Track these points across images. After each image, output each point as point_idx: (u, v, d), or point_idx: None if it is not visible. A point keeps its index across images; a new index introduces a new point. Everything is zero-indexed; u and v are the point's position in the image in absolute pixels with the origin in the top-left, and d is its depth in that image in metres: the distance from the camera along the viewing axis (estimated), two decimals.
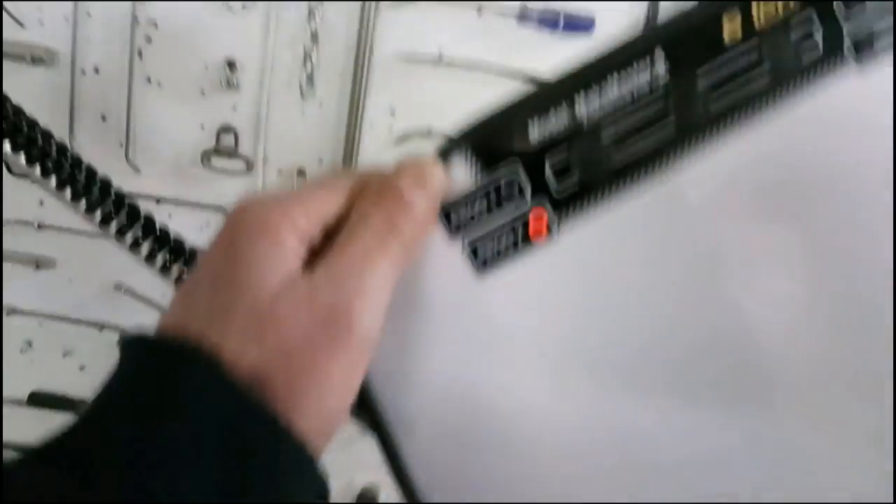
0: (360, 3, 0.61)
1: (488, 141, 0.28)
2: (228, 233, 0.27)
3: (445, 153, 0.29)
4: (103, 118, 0.62)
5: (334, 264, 0.26)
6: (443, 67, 0.62)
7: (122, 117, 0.62)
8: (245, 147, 0.64)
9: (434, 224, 0.29)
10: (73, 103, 0.61)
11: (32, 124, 0.36)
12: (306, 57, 0.62)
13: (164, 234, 0.37)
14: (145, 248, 0.34)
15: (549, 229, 0.29)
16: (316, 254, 0.27)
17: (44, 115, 0.60)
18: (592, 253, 0.29)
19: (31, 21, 0.59)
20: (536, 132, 0.28)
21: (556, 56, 0.63)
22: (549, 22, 0.62)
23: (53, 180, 0.36)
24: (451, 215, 0.29)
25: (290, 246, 0.26)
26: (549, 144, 0.29)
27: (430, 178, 0.28)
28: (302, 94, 0.62)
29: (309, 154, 0.63)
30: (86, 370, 0.69)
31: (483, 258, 0.29)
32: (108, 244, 0.51)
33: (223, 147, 0.63)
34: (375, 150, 0.63)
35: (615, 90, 0.28)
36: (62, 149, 0.37)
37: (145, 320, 0.65)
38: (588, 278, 0.29)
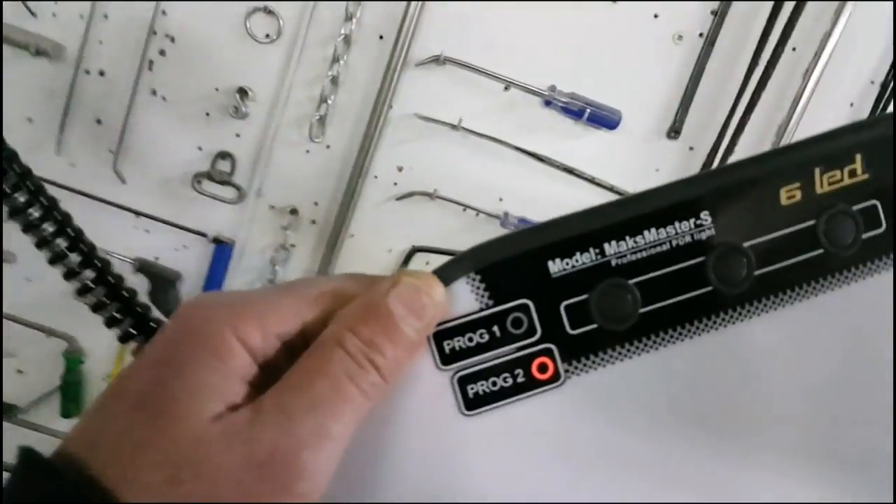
0: (389, 53, 0.59)
1: (501, 270, 0.26)
2: (168, 341, 0.23)
3: (449, 273, 0.26)
4: (98, 122, 0.59)
5: (289, 397, 0.22)
6: (459, 133, 0.60)
7: (118, 125, 0.59)
8: (240, 177, 0.61)
9: (420, 351, 0.26)
10: (70, 101, 0.58)
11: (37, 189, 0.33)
12: (323, 98, 0.59)
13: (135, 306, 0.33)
14: (108, 311, 0.30)
15: (554, 378, 0.26)
16: (271, 371, 0.23)
17: (37, 108, 0.57)
18: (600, 410, 0.27)
19: (44, 12, 0.56)
20: (557, 268, 0.26)
21: (574, 143, 0.61)
22: (574, 112, 0.61)
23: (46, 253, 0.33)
24: (445, 343, 0.26)
25: (238, 367, 0.22)
26: (570, 285, 0.26)
27: (428, 304, 0.24)
28: (311, 134, 0.60)
29: (306, 195, 0.61)
30: (23, 375, 0.65)
31: (473, 395, 0.26)
32: None
33: (217, 172, 0.60)
34: (375, 203, 0.61)
35: (652, 236, 0.26)
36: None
37: (97, 335, 0.61)
38: (591, 438, 0.27)
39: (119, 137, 0.59)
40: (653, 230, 0.26)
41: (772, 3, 0.59)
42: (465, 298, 0.26)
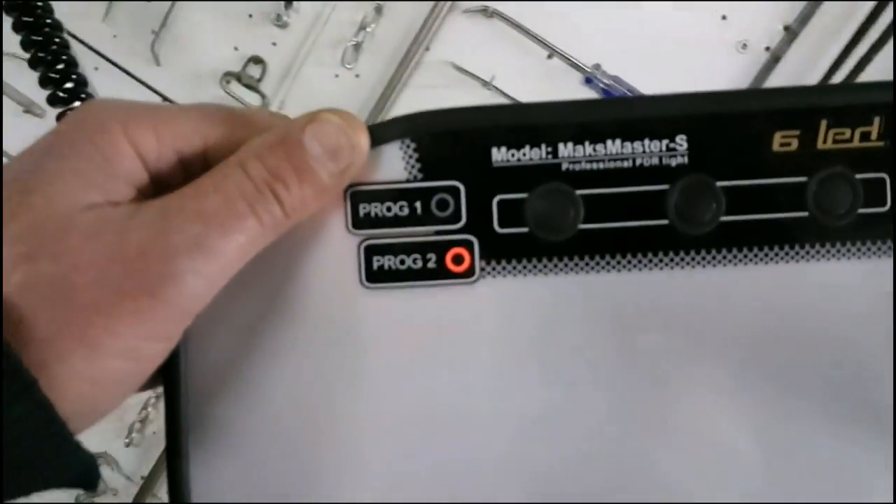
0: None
1: (439, 144, 0.23)
2: (56, 133, 0.21)
3: (382, 132, 0.23)
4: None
5: (175, 202, 0.20)
6: (489, 91, 0.57)
7: (165, 7, 0.58)
8: (267, 85, 0.60)
9: (329, 202, 0.23)
10: None
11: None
12: (363, 25, 0.58)
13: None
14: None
15: (467, 273, 0.24)
16: (166, 189, 0.21)
17: None
18: (507, 320, 0.24)
19: None
20: (500, 157, 0.23)
21: None
22: (614, 95, 0.58)
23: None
24: (361, 205, 0.24)
25: (125, 168, 0.21)
26: (510, 178, 0.23)
27: (346, 147, 0.22)
28: (344, 59, 0.59)
29: None
30: None
31: (377, 268, 0.24)
32: None
33: (246, 76, 0.59)
34: None
35: (615, 148, 0.23)
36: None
37: None
38: (491, 345, 0.24)
39: (163, 20, 0.58)
40: (617, 142, 0.23)
41: (854, 30, 0.56)
42: (394, 164, 0.24)
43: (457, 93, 0.58)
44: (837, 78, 0.56)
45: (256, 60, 0.59)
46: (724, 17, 0.58)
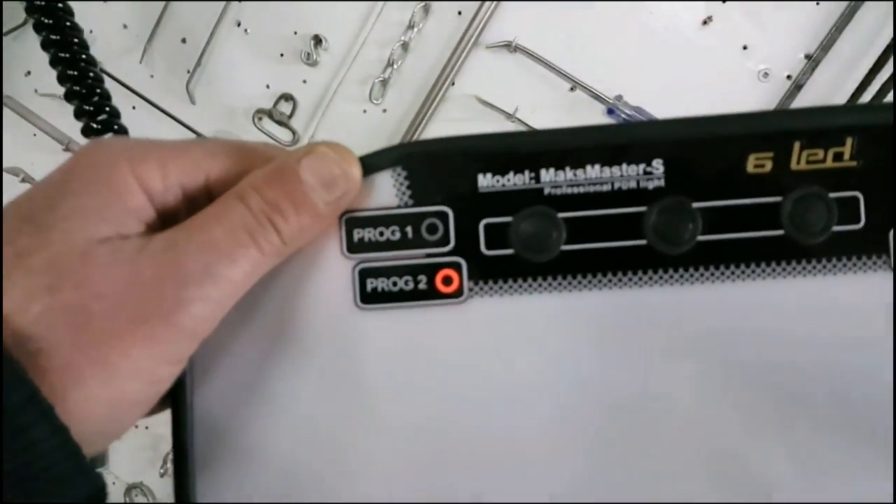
0: (463, 30, 0.59)
1: (428, 171, 0.25)
2: (68, 168, 0.23)
3: (374, 161, 0.25)
4: (183, 41, 0.63)
5: (183, 235, 0.22)
6: (513, 124, 0.59)
7: (200, 47, 0.62)
8: (298, 121, 0.62)
9: (325, 228, 0.25)
10: (162, 17, 0.61)
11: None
12: (391, 62, 0.60)
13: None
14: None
15: (456, 294, 0.25)
16: (171, 222, 0.23)
17: (133, 16, 0.61)
18: (494, 338, 0.25)
19: None
20: (486, 183, 0.25)
21: None
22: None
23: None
24: (355, 230, 0.25)
25: (133, 204, 0.22)
26: (495, 203, 0.25)
27: (340, 178, 0.24)
28: (371, 94, 0.61)
29: (355, 150, 0.61)
30: None
31: (371, 290, 0.25)
32: None
33: (278, 112, 0.62)
34: None
35: (595, 173, 0.25)
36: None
37: None
38: (480, 362, 0.25)
39: (198, 60, 0.61)
40: (597, 167, 0.25)
41: (875, 56, 0.56)
42: (386, 191, 0.25)
43: (481, 125, 0.60)
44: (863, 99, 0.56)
45: (287, 97, 0.62)
46: (745, 47, 0.58)
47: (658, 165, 0.24)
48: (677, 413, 0.25)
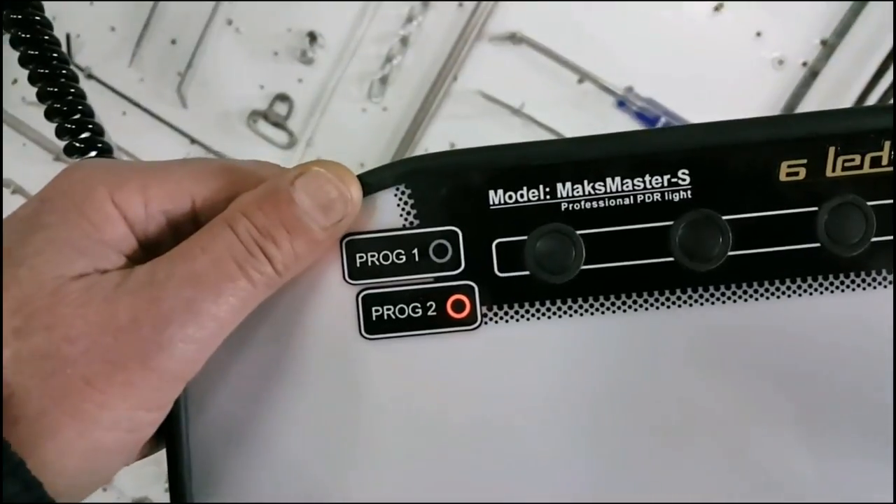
0: (465, 22, 0.57)
1: (434, 188, 0.23)
2: (42, 198, 0.21)
3: (375, 179, 0.23)
4: (173, 42, 0.61)
5: (164, 268, 0.20)
6: (519, 120, 0.57)
7: (191, 48, 0.59)
8: (294, 123, 0.60)
9: (323, 254, 0.23)
10: (151, 18, 0.59)
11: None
12: (389, 58, 0.58)
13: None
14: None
15: (468, 320, 0.23)
16: (155, 253, 0.21)
17: (121, 19, 0.59)
18: (512, 368, 0.23)
19: None
20: (498, 199, 0.23)
21: None
22: (648, 119, 0.57)
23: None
24: (356, 255, 0.23)
25: (112, 235, 0.21)
26: (508, 221, 0.23)
27: (338, 200, 0.21)
28: (370, 93, 0.59)
29: (354, 153, 0.60)
30: None
31: (376, 318, 0.23)
32: None
33: (273, 114, 0.60)
34: None
35: (616, 186, 0.23)
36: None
37: None
38: (497, 393, 0.23)
39: (189, 61, 0.59)
40: (617, 179, 0.23)
41: (892, 42, 0.54)
42: (389, 211, 0.23)
43: (485, 123, 0.57)
44: (878, 91, 0.54)
45: (283, 98, 0.60)
46: (758, 34, 0.56)
47: (684, 176, 0.22)
48: (709, 444, 0.23)
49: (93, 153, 0.31)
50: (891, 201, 0.22)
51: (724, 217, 0.22)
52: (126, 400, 0.19)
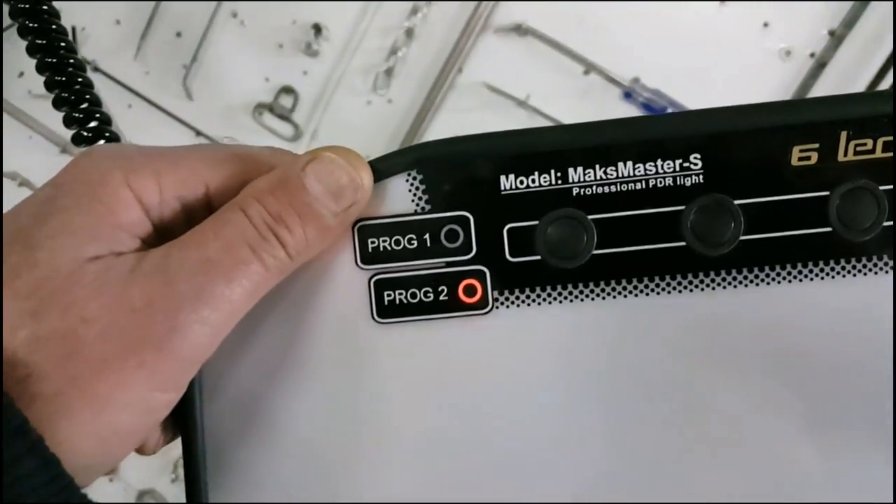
0: (470, 13, 0.57)
1: (445, 174, 0.23)
2: (58, 182, 0.21)
3: (386, 165, 0.23)
4: (178, 35, 0.61)
5: (177, 251, 0.20)
6: (525, 112, 0.57)
7: (196, 41, 0.59)
8: (300, 115, 0.60)
9: (335, 239, 0.23)
10: (155, 11, 0.59)
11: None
12: (394, 50, 0.58)
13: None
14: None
15: (480, 304, 0.23)
16: (169, 237, 0.21)
17: (126, 12, 0.59)
18: (523, 352, 0.23)
19: None
20: (509, 185, 0.23)
21: None
22: (655, 110, 0.57)
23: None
24: (369, 239, 0.23)
25: (127, 219, 0.21)
26: (520, 206, 0.23)
27: (348, 187, 0.22)
28: (375, 85, 0.59)
29: (359, 145, 0.58)
30: None
31: (388, 303, 0.23)
32: None
33: (279, 106, 0.60)
34: None
35: (627, 170, 0.23)
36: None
37: None
38: (508, 377, 0.23)
39: (194, 54, 0.59)
40: (629, 164, 0.23)
41: (894, 42, 0.53)
42: (400, 197, 0.23)
43: (491, 115, 0.57)
44: (886, 82, 0.54)
45: (288, 90, 0.60)
46: (765, 25, 0.56)
47: (696, 160, 0.22)
48: (720, 426, 0.23)
49: (101, 142, 0.31)
50: None
51: (736, 202, 0.22)
52: (141, 381, 0.20)
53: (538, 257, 0.23)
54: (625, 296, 0.23)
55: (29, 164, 0.61)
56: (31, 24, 0.32)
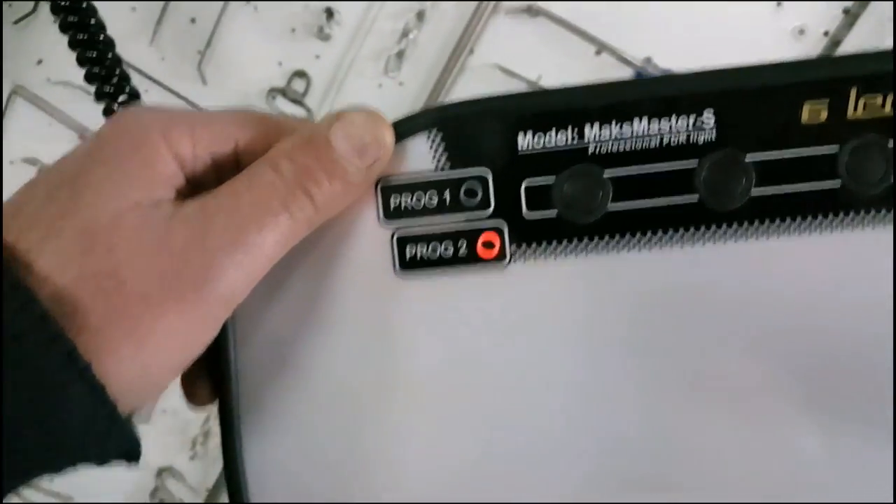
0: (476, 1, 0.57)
1: (464, 133, 0.24)
2: (98, 138, 0.23)
3: (408, 126, 0.24)
4: (192, 21, 0.61)
5: (213, 201, 0.22)
6: None
7: (210, 27, 0.60)
8: (312, 99, 0.61)
9: (359, 196, 0.24)
10: None
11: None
12: (405, 32, 0.58)
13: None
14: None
15: (498, 258, 0.24)
16: (200, 191, 0.23)
17: (137, 2, 0.60)
18: (540, 303, 0.24)
19: None
20: (527, 143, 0.24)
21: None
22: None
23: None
24: (391, 197, 0.24)
25: (164, 172, 0.22)
26: (537, 164, 0.24)
27: (372, 144, 0.23)
28: (386, 67, 0.59)
29: None
30: None
31: (410, 257, 0.24)
32: None
33: (291, 90, 0.61)
34: None
35: (642, 127, 0.23)
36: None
37: None
38: (525, 327, 0.24)
39: (208, 40, 0.60)
40: (644, 120, 0.23)
41: (894, 42, 0.53)
42: (421, 156, 0.24)
43: None
44: None
45: (300, 74, 0.60)
46: (778, 3, 0.56)
47: (709, 117, 0.23)
48: (732, 379, 0.24)
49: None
50: None
51: (748, 157, 0.23)
52: (178, 319, 0.21)
53: (554, 212, 0.23)
54: (639, 249, 0.23)
55: (48, 150, 0.62)
56: (62, 3, 0.34)
